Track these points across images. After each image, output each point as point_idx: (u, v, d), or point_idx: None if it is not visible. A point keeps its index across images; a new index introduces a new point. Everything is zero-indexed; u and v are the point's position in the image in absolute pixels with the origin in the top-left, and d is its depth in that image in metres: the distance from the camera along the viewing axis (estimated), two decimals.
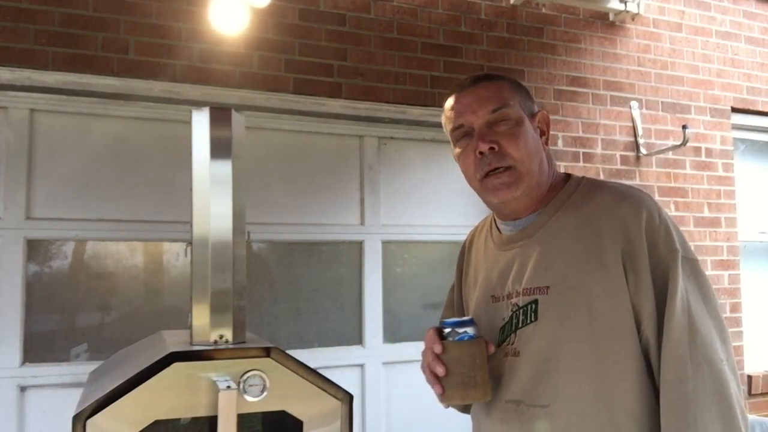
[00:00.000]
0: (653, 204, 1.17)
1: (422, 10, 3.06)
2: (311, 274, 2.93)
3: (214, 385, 1.30)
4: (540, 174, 1.24)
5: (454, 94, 1.28)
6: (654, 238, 1.13)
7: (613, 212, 1.16)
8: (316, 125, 2.96)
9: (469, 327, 1.17)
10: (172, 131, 2.69)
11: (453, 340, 1.16)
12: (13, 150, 2.48)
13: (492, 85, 1.26)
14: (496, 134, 1.22)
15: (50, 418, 2.42)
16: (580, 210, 1.21)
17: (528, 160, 1.22)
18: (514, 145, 1.21)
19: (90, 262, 2.61)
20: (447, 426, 2.89)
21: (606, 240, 1.14)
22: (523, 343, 1.19)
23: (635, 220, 1.13)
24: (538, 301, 1.18)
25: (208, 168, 1.48)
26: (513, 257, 1.27)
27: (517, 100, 1.26)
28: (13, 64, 2.39)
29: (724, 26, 3.75)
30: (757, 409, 3.44)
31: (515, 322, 1.22)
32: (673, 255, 1.12)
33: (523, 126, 1.23)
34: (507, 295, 1.26)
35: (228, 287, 1.47)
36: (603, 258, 1.13)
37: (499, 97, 1.24)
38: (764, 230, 3.88)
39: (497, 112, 1.22)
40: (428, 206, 3.15)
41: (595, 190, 1.23)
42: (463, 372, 1.14)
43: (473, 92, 1.25)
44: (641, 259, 1.12)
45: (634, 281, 1.11)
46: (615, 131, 3.41)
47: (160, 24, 2.59)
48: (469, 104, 1.24)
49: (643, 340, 1.12)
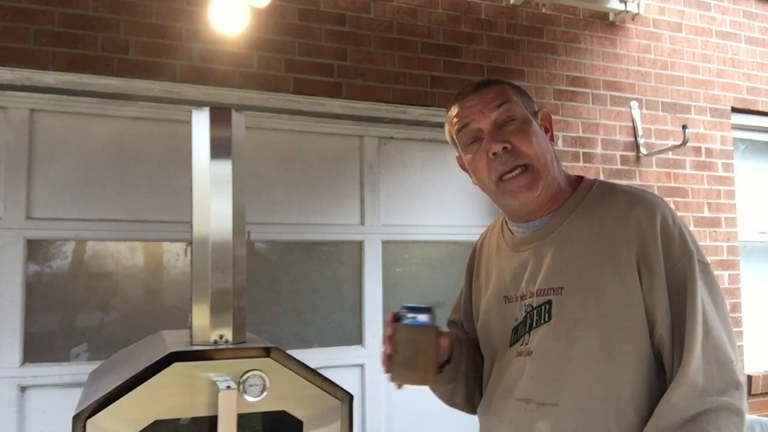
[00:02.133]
0: (667, 207, 1.19)
1: (422, 10, 3.06)
2: (311, 274, 2.93)
3: (214, 385, 1.30)
4: (554, 169, 1.26)
5: (457, 102, 1.29)
6: (668, 241, 1.14)
7: (628, 216, 1.17)
8: (316, 125, 2.96)
9: (422, 314, 1.21)
10: (172, 131, 2.68)
11: (402, 324, 1.21)
12: (13, 150, 2.48)
13: (494, 87, 1.28)
14: (506, 133, 1.22)
15: (50, 418, 2.42)
16: (594, 213, 1.22)
17: (543, 156, 1.23)
18: (527, 142, 1.22)
19: (90, 262, 2.61)
20: (447, 426, 2.89)
21: (620, 242, 1.16)
22: (536, 343, 1.20)
23: (650, 223, 1.15)
24: (552, 301, 1.19)
25: (208, 168, 1.48)
26: (527, 258, 1.27)
27: (520, 100, 1.27)
28: (13, 64, 2.39)
29: (724, 26, 3.75)
30: (757, 409, 3.44)
31: (529, 322, 1.23)
32: (688, 257, 1.14)
33: (531, 124, 1.25)
34: (521, 296, 1.26)
35: (228, 287, 1.47)
36: (617, 260, 1.15)
37: (502, 95, 1.25)
38: (764, 230, 3.88)
39: (503, 106, 1.23)
40: (428, 206, 3.15)
41: (608, 193, 1.25)
42: (405, 354, 1.21)
43: (476, 96, 1.26)
44: (656, 261, 1.13)
45: (649, 282, 1.13)
46: (615, 131, 3.41)
47: (160, 24, 2.59)
48: (474, 106, 1.25)
49: (656, 340, 1.13)
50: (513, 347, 1.25)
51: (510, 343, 1.26)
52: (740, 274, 3.62)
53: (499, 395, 1.26)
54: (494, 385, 1.30)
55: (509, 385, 1.23)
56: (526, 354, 1.21)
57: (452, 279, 3.16)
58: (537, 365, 1.19)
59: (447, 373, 1.33)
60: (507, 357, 1.26)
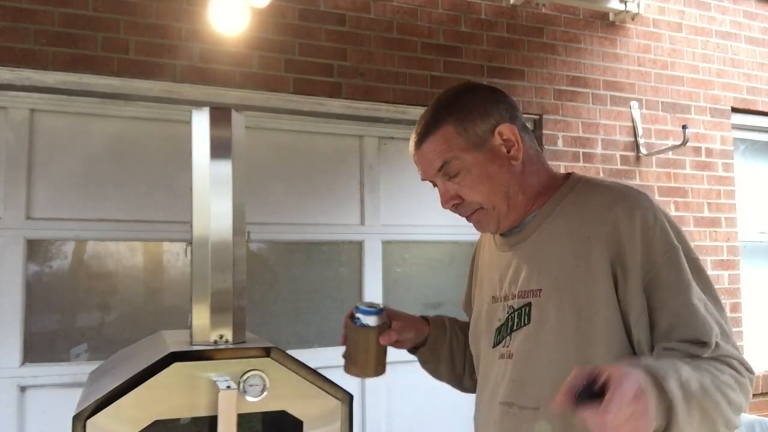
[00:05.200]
0: (648, 204, 1.15)
1: (422, 10, 3.06)
2: (311, 274, 2.93)
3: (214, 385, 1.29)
4: (510, 198, 1.24)
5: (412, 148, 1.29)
6: (649, 240, 1.11)
7: (606, 215, 1.14)
8: (316, 125, 2.96)
9: (366, 315, 1.33)
10: (172, 131, 2.68)
11: (351, 322, 1.36)
12: (13, 150, 2.48)
13: (434, 140, 1.23)
14: (455, 186, 1.24)
15: (50, 418, 2.42)
16: (574, 212, 1.21)
17: (492, 197, 1.23)
18: (475, 192, 1.23)
19: (90, 262, 2.61)
20: (447, 425, 2.89)
21: (595, 243, 1.14)
22: (516, 346, 1.20)
23: (628, 223, 1.12)
24: (531, 304, 1.19)
25: (208, 168, 1.48)
26: (510, 259, 1.28)
27: (463, 141, 1.21)
28: (13, 64, 2.39)
29: (724, 26, 3.75)
30: (757, 409, 3.44)
31: (510, 324, 1.23)
32: (672, 253, 1.11)
33: (476, 168, 1.22)
34: (504, 297, 1.27)
35: (228, 287, 1.47)
36: (591, 261, 1.13)
37: (442, 152, 1.22)
38: (764, 230, 3.88)
39: (443, 168, 1.23)
40: (428, 206, 3.15)
41: (591, 190, 1.22)
42: (348, 350, 1.37)
43: (420, 153, 1.26)
44: (632, 261, 1.10)
45: (623, 284, 1.11)
46: (615, 131, 3.41)
47: (160, 24, 2.59)
48: (421, 165, 1.27)
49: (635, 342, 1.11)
50: (496, 348, 1.26)
51: (493, 344, 1.27)
52: (740, 274, 3.62)
53: (486, 399, 1.28)
54: (482, 388, 1.32)
55: (494, 388, 1.24)
56: (508, 357, 1.22)
57: (452, 279, 3.16)
58: (517, 369, 1.19)
59: (423, 354, 1.46)
60: (491, 358, 1.27)
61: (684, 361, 1.01)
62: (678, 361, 1.01)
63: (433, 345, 1.45)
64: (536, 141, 1.41)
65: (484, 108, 1.23)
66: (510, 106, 1.26)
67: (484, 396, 1.29)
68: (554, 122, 3.27)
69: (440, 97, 1.28)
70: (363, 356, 1.35)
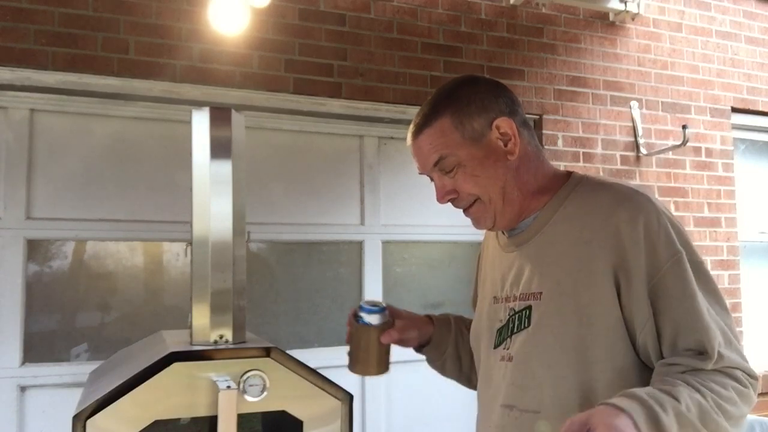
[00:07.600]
0: (652, 208, 1.13)
1: (422, 10, 3.06)
2: (311, 274, 2.93)
3: (214, 385, 1.30)
4: (506, 193, 1.22)
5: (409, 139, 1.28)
6: (653, 246, 1.09)
7: (609, 220, 1.12)
8: (316, 125, 2.96)
9: (369, 314, 1.34)
10: (172, 131, 2.68)
11: (355, 320, 1.36)
12: (13, 150, 2.48)
13: (430, 133, 1.22)
14: (451, 179, 1.23)
15: (50, 418, 2.42)
16: (577, 215, 1.19)
17: (489, 189, 1.22)
18: (471, 184, 1.22)
19: (90, 262, 2.61)
20: (447, 426, 2.89)
21: (596, 248, 1.12)
22: (516, 349, 1.20)
23: (631, 228, 1.10)
24: (531, 307, 1.18)
25: (208, 168, 1.48)
26: (512, 260, 1.27)
27: (459, 135, 1.20)
28: (13, 64, 2.39)
29: (724, 26, 3.75)
30: (757, 409, 3.43)
31: (511, 326, 1.23)
32: (676, 257, 1.09)
33: (471, 163, 1.21)
34: (505, 298, 1.27)
35: (228, 287, 1.47)
36: (592, 266, 1.12)
37: (438, 146, 1.21)
38: (764, 230, 3.88)
39: (439, 163, 1.22)
40: (428, 206, 3.15)
41: (593, 191, 1.20)
42: (352, 348, 1.39)
43: (416, 145, 1.25)
44: (636, 268, 1.09)
45: (627, 290, 1.10)
46: (615, 131, 3.41)
47: (160, 24, 2.59)
48: (417, 158, 1.27)
49: (641, 348, 1.10)
50: (497, 350, 1.25)
51: (494, 345, 1.27)
52: (740, 274, 3.62)
53: (488, 401, 1.28)
54: (483, 389, 1.31)
55: (495, 391, 1.24)
56: (508, 359, 1.21)
57: (452, 279, 3.16)
58: (517, 372, 1.18)
59: (429, 353, 1.46)
60: (492, 359, 1.27)
61: (685, 380, 1.01)
62: (679, 382, 1.01)
63: (437, 343, 1.45)
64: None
65: (483, 102, 1.21)
66: (510, 101, 1.24)
67: (486, 398, 1.29)
68: (554, 122, 3.27)
69: (440, 89, 1.27)
70: (365, 354, 1.36)
